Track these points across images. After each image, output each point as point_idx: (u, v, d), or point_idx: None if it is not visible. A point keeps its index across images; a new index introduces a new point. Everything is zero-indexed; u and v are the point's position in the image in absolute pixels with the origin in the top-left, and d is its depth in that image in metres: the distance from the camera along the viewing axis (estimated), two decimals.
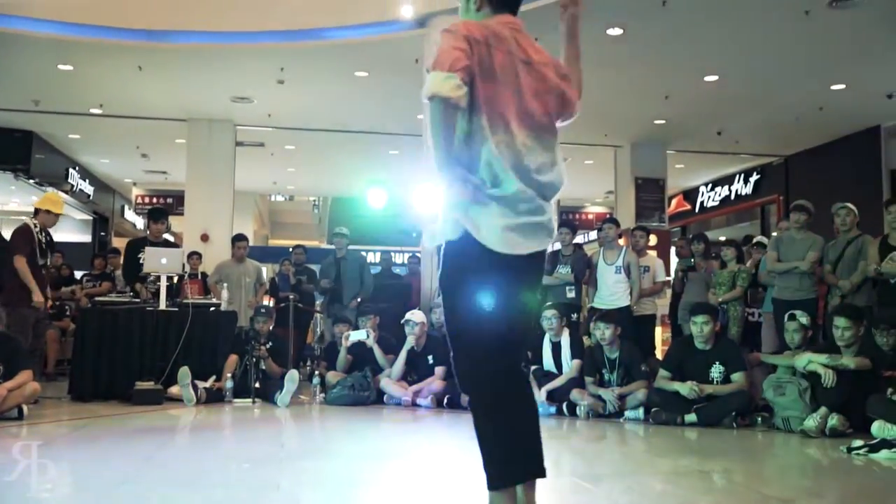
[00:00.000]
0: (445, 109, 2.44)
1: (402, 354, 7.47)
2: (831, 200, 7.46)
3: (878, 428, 5.11)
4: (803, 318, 6.37)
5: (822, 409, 5.54)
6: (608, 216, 10.18)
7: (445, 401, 7.09)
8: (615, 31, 9.24)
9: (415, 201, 9.08)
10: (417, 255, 10.88)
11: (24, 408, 6.00)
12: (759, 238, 9.90)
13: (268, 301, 10.10)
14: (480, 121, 2.55)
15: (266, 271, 11.68)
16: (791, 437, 5.55)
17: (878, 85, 11.01)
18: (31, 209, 7.90)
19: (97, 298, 8.63)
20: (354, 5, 9.47)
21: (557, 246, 8.65)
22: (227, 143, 13.26)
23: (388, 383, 7.38)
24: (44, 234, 7.55)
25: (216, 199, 13.02)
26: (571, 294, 8.02)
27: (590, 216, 19.03)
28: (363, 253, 12.14)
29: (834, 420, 5.46)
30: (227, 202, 13.15)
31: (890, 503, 3.86)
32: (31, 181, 14.53)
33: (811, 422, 5.51)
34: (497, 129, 2.56)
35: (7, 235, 7.77)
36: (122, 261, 9.76)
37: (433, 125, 2.46)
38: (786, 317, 6.50)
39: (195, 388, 7.04)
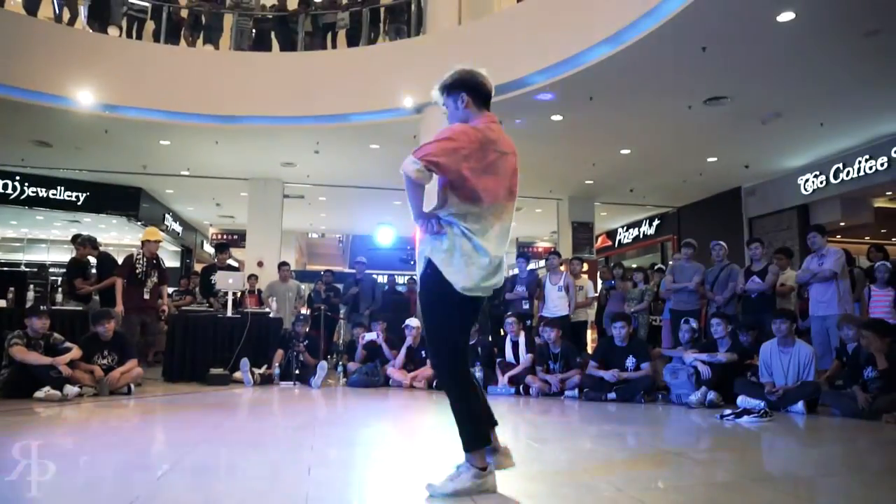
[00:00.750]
0: (410, 183, 2.53)
1: (403, 350, 7.49)
2: (709, 239, 7.59)
3: (742, 400, 5.20)
4: (693, 324, 6.47)
5: (703, 388, 5.63)
6: (553, 249, 10.22)
7: (434, 383, 7.06)
8: (557, 118, 9.39)
9: (412, 238, 9.14)
10: (414, 277, 10.87)
11: (132, 386, 6.00)
12: (659, 265, 10.01)
13: (305, 310, 10.08)
14: (483, 205, 2.56)
15: (304, 288, 11.67)
16: (682, 408, 5.60)
17: (739, 158, 11.26)
18: (139, 243, 7.89)
19: (182, 308, 8.62)
20: (370, 97, 9.56)
21: (516, 271, 8.71)
22: (276, 195, 13.31)
23: (393, 371, 7.38)
24: (144, 260, 7.43)
25: (268, 236, 13.06)
26: (526, 306, 8.04)
27: (539, 249, 19.11)
28: (374, 276, 12.09)
29: (711, 396, 5.55)
30: (276, 238, 13.19)
31: (748, 450, 3.92)
32: (139, 223, 14.51)
33: (695, 397, 5.59)
34: (497, 210, 2.61)
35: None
36: (199, 281, 9.77)
37: (407, 190, 2.56)
38: (681, 322, 6.58)
39: (252, 373, 7.05)
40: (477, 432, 2.57)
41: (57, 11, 9.64)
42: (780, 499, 2.67)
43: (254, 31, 10.61)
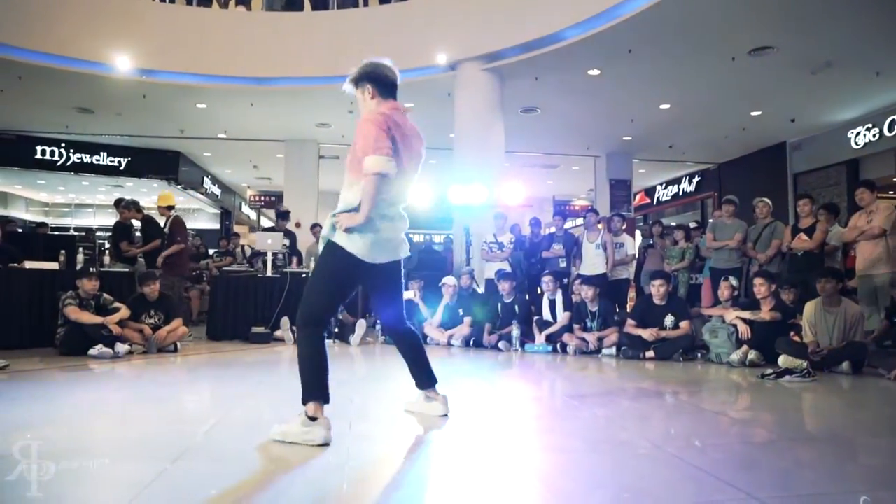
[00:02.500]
0: (382, 179, 2.74)
1: (440, 308, 7.53)
2: (752, 196, 7.41)
3: (784, 360, 5.12)
4: (733, 281, 6.36)
5: (744, 347, 5.56)
6: (590, 207, 10.10)
7: (471, 342, 7.14)
8: (594, 72, 9.18)
9: (448, 197, 9.13)
10: (451, 236, 10.89)
11: (178, 344, 6.21)
12: (692, 224, 9.84)
13: None
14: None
15: None
16: (721, 367, 5.55)
17: (785, 112, 10.87)
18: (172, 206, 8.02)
19: (223, 269, 8.81)
20: (403, 55, 9.39)
21: (553, 229, 8.66)
22: (312, 156, 13.41)
23: (430, 329, 7.43)
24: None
25: (305, 197, 13.21)
26: (563, 264, 8.01)
27: (576, 207, 18.91)
28: (410, 234, 12.13)
29: (752, 355, 5.47)
30: (312, 199, 13.34)
31: (789, 411, 3.87)
32: (178, 187, 14.81)
33: (735, 356, 5.53)
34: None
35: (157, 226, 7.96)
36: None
37: (372, 193, 2.74)
38: (721, 280, 6.49)
39: (292, 331, 7.20)
40: (308, 384, 2.77)
41: None
42: (821, 459, 2.65)
43: None
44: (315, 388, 2.76)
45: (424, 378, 3.28)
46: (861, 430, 3.37)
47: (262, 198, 19.20)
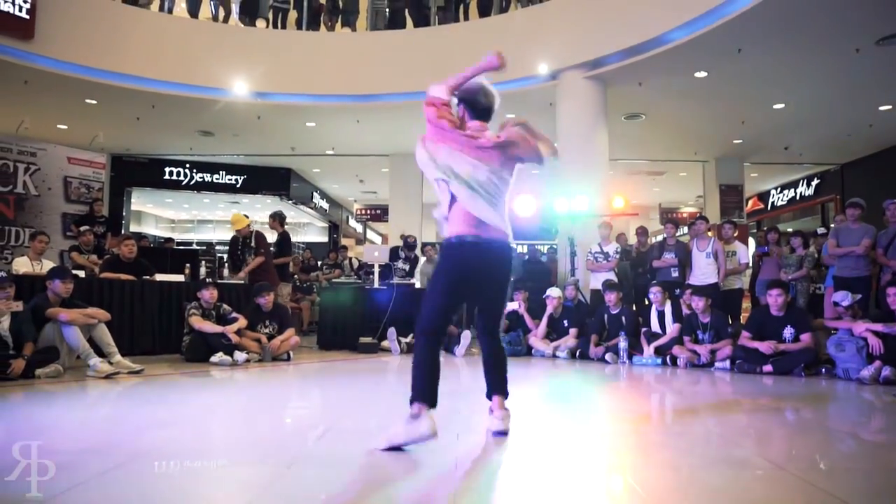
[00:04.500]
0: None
1: (545, 319, 7.46)
2: (879, 199, 6.84)
3: None
4: (843, 302, 5.84)
5: (877, 363, 5.13)
6: (699, 214, 9.70)
7: (577, 353, 7.05)
8: (701, 74, 8.84)
9: (553, 207, 9.04)
10: (555, 246, 10.77)
11: (291, 353, 6.51)
12: (821, 230, 9.20)
13: None
14: None
15: None
16: (849, 384, 5.16)
17: None
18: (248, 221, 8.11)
19: (333, 280, 9.15)
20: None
21: (663, 237, 8.38)
22: (416, 170, 13.40)
23: (535, 340, 7.39)
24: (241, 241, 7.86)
25: (410, 210, 13.49)
26: (675, 274, 7.71)
27: (684, 214, 18.20)
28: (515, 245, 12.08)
29: (886, 371, 5.05)
30: (417, 211, 13.58)
31: None
32: (290, 202, 15.56)
33: (866, 372, 5.11)
34: None
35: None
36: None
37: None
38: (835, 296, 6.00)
39: (399, 342, 7.36)
40: (416, 387, 2.84)
41: (213, 11, 10.51)
42: None
43: (388, 10, 10.89)
44: (422, 390, 2.82)
45: (495, 388, 3.22)
46: None
47: (368, 211, 19.75)
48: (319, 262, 12.79)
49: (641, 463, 2.71)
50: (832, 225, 8.54)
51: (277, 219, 8.50)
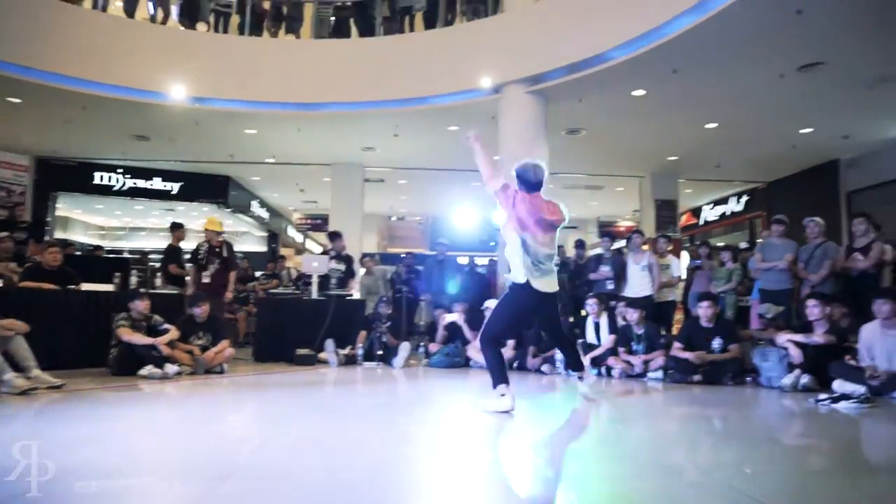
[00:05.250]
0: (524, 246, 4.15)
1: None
2: (803, 215, 7.20)
3: (839, 385, 4.93)
4: (768, 314, 6.16)
5: (797, 371, 5.39)
6: (636, 228, 9.98)
7: (515, 364, 7.11)
8: (639, 93, 9.11)
9: (493, 219, 9.10)
10: (494, 259, 10.88)
11: (225, 365, 6.34)
12: (743, 244, 9.59)
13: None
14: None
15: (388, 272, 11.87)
16: (772, 391, 5.40)
17: (837, 128, 10.58)
18: (223, 229, 8.12)
19: (270, 291, 8.97)
20: (448, 79, 9.58)
21: (599, 251, 8.58)
22: (357, 180, 13.57)
23: (474, 352, 7.35)
24: (206, 246, 7.72)
25: (351, 220, 13.31)
26: (611, 286, 7.89)
27: (621, 228, 18.69)
28: (454, 258, 12.08)
29: (805, 379, 5.30)
30: (357, 222, 13.46)
31: (846, 438, 3.72)
32: (228, 210, 15.21)
33: (787, 380, 5.36)
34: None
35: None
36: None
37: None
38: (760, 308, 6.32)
39: (337, 354, 7.26)
40: (494, 376, 4.09)
41: (151, 11, 10.19)
42: (883, 493, 2.53)
43: (333, 18, 10.82)
44: (498, 377, 4.04)
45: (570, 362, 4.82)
46: None
47: (309, 220, 19.50)
48: (257, 273, 12.56)
49: (575, 471, 2.75)
50: (759, 240, 8.92)
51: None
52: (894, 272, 6.64)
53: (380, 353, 7.44)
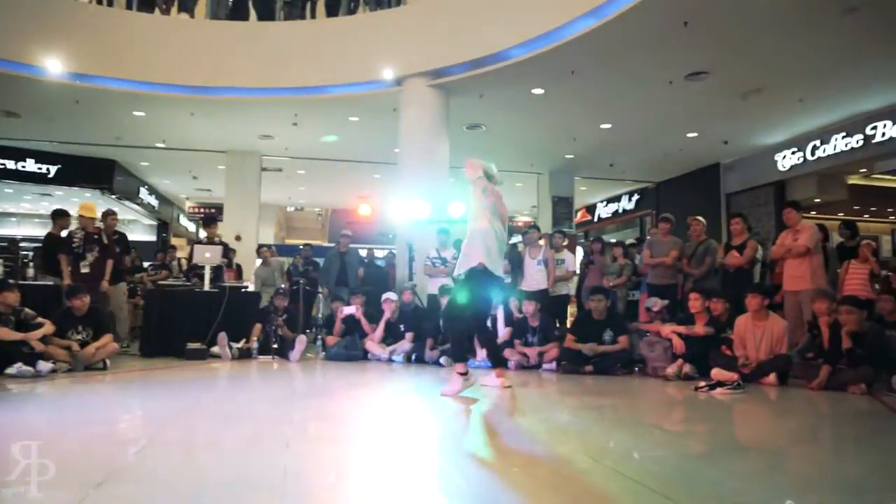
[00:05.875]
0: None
1: (382, 323, 7.49)
2: (688, 214, 7.63)
3: (716, 373, 5.28)
4: (654, 307, 6.48)
5: (679, 361, 5.70)
6: (532, 224, 10.21)
7: (413, 357, 7.13)
8: (538, 91, 9.33)
9: (390, 212, 9.05)
10: (393, 251, 10.85)
11: (107, 361, 5.95)
12: (630, 241, 10.03)
13: (283, 284, 9.99)
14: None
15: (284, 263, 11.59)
16: (658, 381, 5.67)
17: (718, 134, 11.33)
18: (97, 214, 7.66)
19: (159, 283, 8.52)
20: (349, 69, 9.44)
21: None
22: (254, 168, 13.17)
23: (371, 345, 7.38)
24: (82, 234, 7.29)
25: (246, 210, 12.96)
26: (507, 279, 8.01)
27: (519, 223, 19.12)
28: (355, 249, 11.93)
29: (687, 368, 5.63)
30: (254, 212, 13.10)
31: (721, 422, 4.00)
32: (113, 197, 14.27)
33: (671, 369, 5.67)
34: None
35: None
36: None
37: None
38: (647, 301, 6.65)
39: (230, 347, 7.02)
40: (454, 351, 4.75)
41: None
42: (754, 469, 2.72)
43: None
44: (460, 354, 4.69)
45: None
46: (788, 439, 3.50)
47: (202, 210, 18.70)
48: (145, 263, 11.89)
49: (467, 462, 2.78)
50: (647, 237, 9.36)
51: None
52: (763, 268, 7.17)
53: (275, 346, 7.27)
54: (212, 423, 3.58)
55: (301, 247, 10.76)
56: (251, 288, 8.93)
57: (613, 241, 10.59)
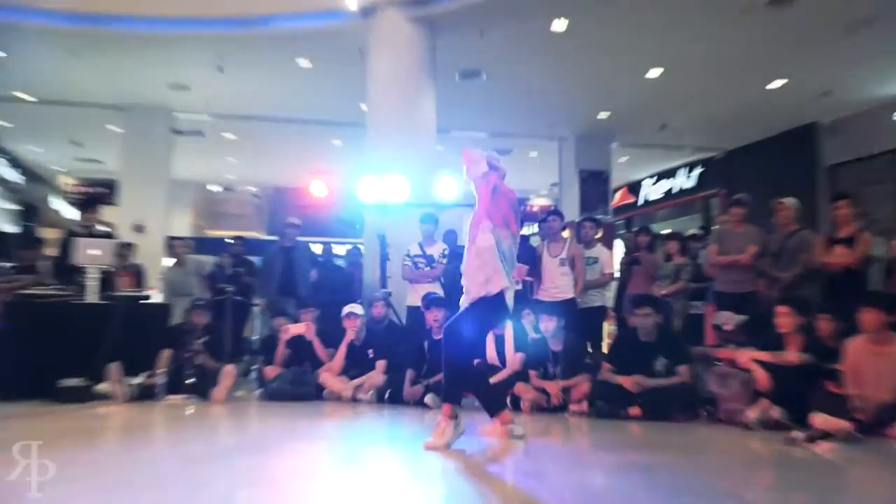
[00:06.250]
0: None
1: (342, 348, 7.40)
2: (772, 195, 7.56)
3: (819, 420, 5.16)
4: (727, 325, 6.38)
5: (764, 402, 5.61)
6: (552, 208, 10.20)
7: (387, 395, 7.03)
8: (560, 25, 9.25)
9: (358, 192, 8.96)
10: (359, 246, 10.76)
11: None
12: (693, 231, 9.95)
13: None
14: None
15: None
16: (735, 429, 5.59)
17: (815, 83, 11.28)
18: None
19: (20, 292, 8.34)
20: None
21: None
22: (163, 131, 13.11)
23: (328, 378, 7.30)
24: None
25: (151, 189, 12.88)
26: (519, 286, 7.93)
27: (534, 208, 19.13)
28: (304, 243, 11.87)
29: (775, 412, 5.53)
30: (162, 192, 13.03)
31: (830, 495, 3.85)
32: None
33: (753, 414, 5.58)
34: None
35: None
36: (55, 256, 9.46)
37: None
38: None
39: (125, 384, 6.87)
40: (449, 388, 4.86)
41: None
42: None
43: None
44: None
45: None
46: None
47: (87, 189, 18.59)
48: (6, 264, 11.71)
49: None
50: (715, 227, 9.31)
51: None
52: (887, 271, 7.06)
53: (192, 381, 7.15)
54: (96, 494, 3.44)
55: (230, 241, 10.65)
56: (157, 299, 8.79)
57: (667, 232, 10.54)
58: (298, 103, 12.45)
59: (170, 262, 9.94)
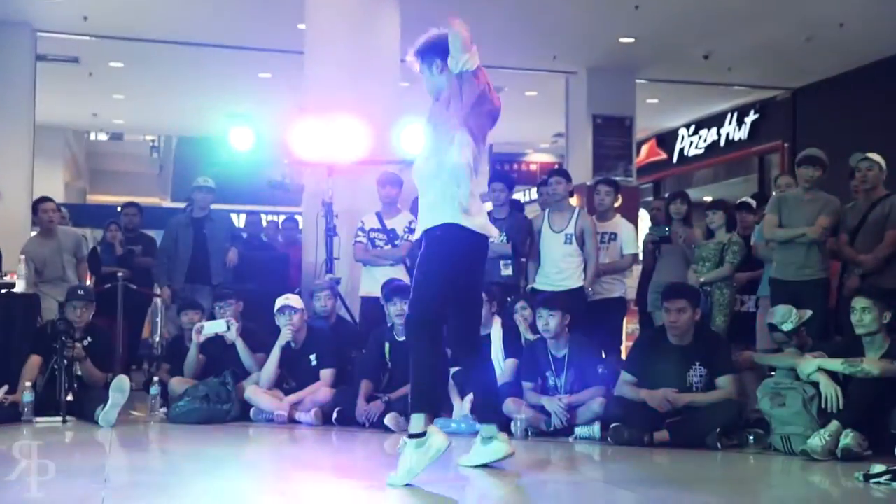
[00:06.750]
0: None
1: (276, 353, 7.40)
2: (851, 150, 7.59)
3: None
4: (786, 325, 6.40)
5: (833, 425, 5.64)
6: (556, 167, 10.24)
7: (335, 415, 7.07)
8: None
9: (294, 143, 8.95)
10: (296, 217, 10.79)
11: None
12: (746, 199, 9.89)
13: (87, 280, 9.86)
14: None
15: (87, 240, 11.46)
16: (792, 460, 5.62)
17: None
18: None
19: None
20: None
21: (488, 207, 8.65)
22: (23, 56, 12.93)
23: (257, 392, 7.31)
24: None
25: (8, 137, 12.69)
26: (508, 271, 8.00)
27: (532, 167, 19.11)
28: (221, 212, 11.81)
29: (847, 439, 5.52)
30: (23, 141, 12.85)
31: None
32: None
33: (818, 440, 5.59)
34: None
35: None
36: None
37: None
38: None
39: None
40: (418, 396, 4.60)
41: None
42: None
43: None
44: (424, 399, 4.61)
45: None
46: None
47: None
48: None
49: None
50: (773, 192, 9.31)
51: None
52: None
53: (70, 398, 7.16)
54: None
55: (120, 209, 10.63)
56: (20, 288, 8.81)
57: (709, 199, 10.59)
58: (211, 22, 12.30)
59: (33, 233, 9.85)
